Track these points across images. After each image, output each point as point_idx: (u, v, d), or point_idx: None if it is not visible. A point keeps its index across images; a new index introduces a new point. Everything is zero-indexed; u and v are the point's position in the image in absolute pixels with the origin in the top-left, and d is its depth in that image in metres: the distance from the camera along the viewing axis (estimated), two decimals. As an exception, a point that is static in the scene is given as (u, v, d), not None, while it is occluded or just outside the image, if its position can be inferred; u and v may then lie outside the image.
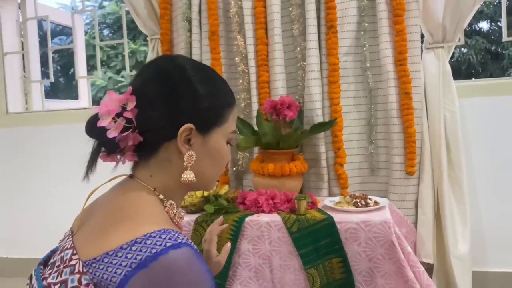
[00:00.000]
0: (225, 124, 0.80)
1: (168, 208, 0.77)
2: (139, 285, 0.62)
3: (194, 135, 0.76)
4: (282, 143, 1.74)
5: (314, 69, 1.85)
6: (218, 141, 0.80)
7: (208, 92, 0.77)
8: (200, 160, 0.77)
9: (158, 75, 0.77)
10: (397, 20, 1.79)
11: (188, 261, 0.64)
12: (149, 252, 0.64)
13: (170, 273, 0.63)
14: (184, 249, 0.65)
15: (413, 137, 1.78)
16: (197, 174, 0.77)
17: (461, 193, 1.81)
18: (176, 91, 0.75)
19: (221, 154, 0.82)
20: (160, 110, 0.74)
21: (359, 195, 1.65)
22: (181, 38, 2.05)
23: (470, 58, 10.43)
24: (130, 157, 0.78)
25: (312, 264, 1.50)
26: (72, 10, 10.75)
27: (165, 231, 0.67)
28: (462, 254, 1.77)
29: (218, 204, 1.65)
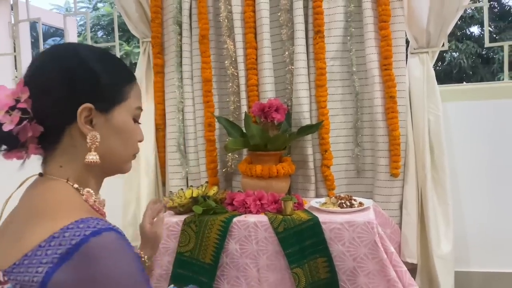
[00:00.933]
0: (127, 101, 0.79)
1: (86, 196, 0.76)
2: (64, 278, 0.61)
3: (95, 115, 0.75)
4: (269, 145, 1.77)
5: (301, 73, 1.89)
6: (122, 119, 0.79)
7: (103, 69, 0.77)
8: (106, 139, 0.76)
9: (49, 61, 0.76)
10: (382, 26, 1.84)
11: (111, 246, 0.63)
12: (69, 244, 0.62)
13: (94, 260, 0.61)
14: (104, 235, 0.64)
15: (397, 140, 1.82)
16: (106, 155, 0.76)
17: (444, 194, 1.85)
18: (70, 72, 0.74)
19: (128, 131, 0.80)
20: (55, 94, 0.73)
21: (344, 196, 1.69)
22: (172, 41, 2.08)
23: (461, 62, 10.56)
24: (34, 150, 0.76)
25: (297, 263, 1.53)
26: (66, 11, 10.73)
27: (83, 220, 0.65)
28: (444, 254, 1.81)
29: (206, 205, 1.67)
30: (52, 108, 0.73)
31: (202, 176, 2.05)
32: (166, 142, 2.14)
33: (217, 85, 2.07)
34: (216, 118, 1.99)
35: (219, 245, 1.58)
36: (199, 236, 1.60)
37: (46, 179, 0.75)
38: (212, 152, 2.03)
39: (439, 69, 10.78)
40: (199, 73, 2.03)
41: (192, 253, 1.60)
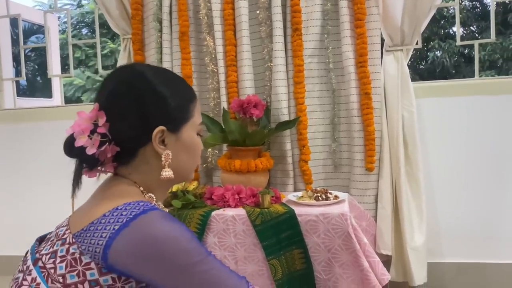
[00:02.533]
0: (192, 119, 0.87)
1: (148, 199, 0.83)
2: (123, 242, 0.70)
3: (167, 135, 0.82)
4: (248, 141, 1.81)
5: (280, 69, 1.93)
6: (189, 136, 0.86)
7: (170, 92, 0.83)
8: (176, 156, 0.84)
9: (121, 86, 0.82)
10: (358, 24, 1.88)
11: (165, 218, 0.73)
12: (129, 214, 0.72)
13: (151, 227, 0.71)
14: (160, 211, 0.75)
15: (372, 135, 1.87)
16: (176, 169, 0.84)
17: (417, 188, 1.91)
18: (141, 98, 0.81)
19: (194, 146, 0.89)
20: (130, 119, 0.80)
21: (320, 190, 1.73)
22: (152, 38, 2.10)
23: (444, 61, 10.73)
24: (110, 168, 0.84)
25: (274, 255, 1.56)
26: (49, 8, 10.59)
27: (143, 201, 0.76)
28: (418, 246, 1.87)
29: (185, 199, 1.70)
30: (128, 132, 0.80)
31: (183, 171, 2.07)
32: (147, 138, 2.15)
33: (197, 82, 2.09)
34: (196, 114, 2.01)
35: (197, 238, 1.61)
36: (178, 229, 1.63)
37: (118, 178, 0.84)
38: (193, 148, 2.05)
39: (423, 68, 10.95)
40: (180, 70, 2.05)
41: (171, 246, 1.63)
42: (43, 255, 0.75)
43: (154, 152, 0.82)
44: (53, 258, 0.74)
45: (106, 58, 10.79)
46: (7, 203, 2.56)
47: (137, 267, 0.71)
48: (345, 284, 1.53)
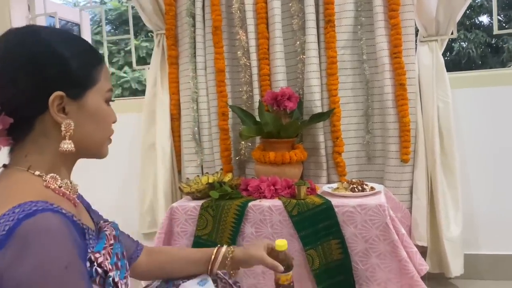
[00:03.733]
0: (97, 84, 0.77)
1: (48, 182, 0.73)
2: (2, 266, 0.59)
3: (67, 102, 0.73)
4: (282, 133, 1.83)
5: (313, 62, 1.94)
6: (95, 103, 0.77)
7: (69, 54, 0.73)
8: (80, 126, 0.75)
9: (12, 48, 0.72)
10: (392, 15, 1.87)
11: (43, 226, 0.61)
12: (2, 231, 0.60)
13: (24, 243, 0.60)
14: (38, 216, 0.62)
15: (407, 126, 1.87)
16: (80, 141, 0.75)
17: (453, 178, 1.89)
18: (36, 60, 0.70)
19: (102, 115, 0.79)
20: (23, 84, 0.70)
21: (356, 181, 1.73)
22: (186, 33, 2.13)
23: (470, 52, 10.46)
24: (4, 142, 0.74)
25: (311, 245, 1.58)
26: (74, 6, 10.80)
27: (20, 205, 0.63)
28: (454, 237, 1.86)
29: (222, 190, 1.73)
30: (21, 99, 0.70)
31: (216, 164, 2.11)
32: (181, 131, 2.20)
33: (230, 75, 2.12)
34: (230, 107, 2.05)
35: (235, 229, 1.64)
36: (216, 220, 1.67)
37: (9, 170, 0.74)
38: (226, 141, 2.09)
39: (448, 59, 10.70)
40: (213, 64, 2.08)
41: (209, 236, 1.67)
42: None
43: (53, 122, 0.72)
44: None
45: (129, 54, 10.97)
46: None
47: None
48: (382, 274, 1.54)
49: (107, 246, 0.77)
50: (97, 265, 0.70)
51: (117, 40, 9.41)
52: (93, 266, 0.70)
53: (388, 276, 1.53)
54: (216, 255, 1.05)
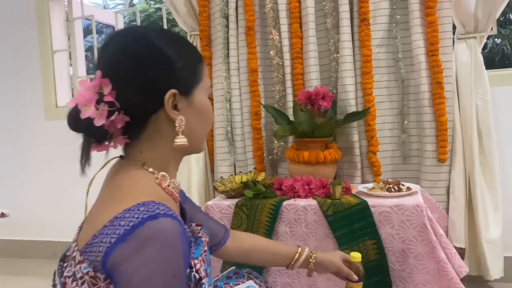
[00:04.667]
0: (202, 81, 0.80)
1: (160, 180, 0.77)
2: (118, 258, 0.63)
3: (179, 99, 0.75)
4: (317, 132, 1.82)
5: (347, 60, 1.93)
6: (201, 99, 0.80)
7: (177, 53, 0.76)
8: (190, 122, 0.77)
9: (122, 50, 0.74)
10: (429, 12, 1.84)
11: (162, 232, 0.64)
12: (126, 225, 0.64)
13: (144, 243, 0.63)
14: (161, 220, 0.64)
15: (445, 125, 1.83)
16: (189, 136, 0.77)
17: (492, 179, 1.84)
18: (147, 61, 0.73)
19: (207, 110, 0.82)
20: (137, 84, 0.73)
21: (392, 181, 1.71)
22: (219, 34, 2.16)
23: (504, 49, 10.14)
24: (121, 140, 0.77)
25: (347, 245, 1.57)
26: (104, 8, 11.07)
27: (144, 203, 0.67)
28: (493, 239, 1.81)
29: (256, 189, 1.74)
30: (136, 99, 0.73)
31: (249, 163, 2.13)
32: (214, 131, 2.23)
33: (263, 75, 2.13)
34: (263, 106, 2.06)
35: (270, 227, 1.65)
36: (250, 218, 1.68)
37: (125, 162, 0.78)
38: (259, 140, 2.10)
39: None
40: (246, 64, 2.10)
41: (244, 235, 1.68)
42: (66, 278, 0.70)
43: (167, 119, 0.75)
44: (75, 280, 0.68)
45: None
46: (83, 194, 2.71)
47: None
48: (420, 276, 1.51)
49: (202, 253, 0.80)
50: (195, 271, 0.73)
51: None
52: (192, 272, 0.73)
53: (425, 278, 1.51)
54: (300, 254, 1.13)
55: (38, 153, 2.79)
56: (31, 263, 2.77)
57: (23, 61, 2.77)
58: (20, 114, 2.81)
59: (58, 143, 2.74)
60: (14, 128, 2.83)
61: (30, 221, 2.84)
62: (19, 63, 2.78)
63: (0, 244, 2.83)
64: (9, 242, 2.88)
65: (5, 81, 2.81)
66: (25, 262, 2.78)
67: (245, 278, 1.18)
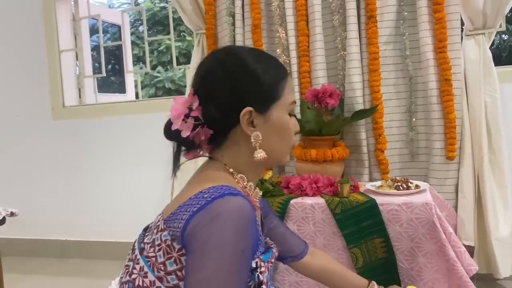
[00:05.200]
0: (281, 98, 0.83)
1: (238, 180, 0.84)
2: (195, 224, 0.70)
3: (255, 116, 0.81)
4: (324, 130, 1.82)
5: (354, 58, 1.92)
6: (278, 116, 0.83)
7: (262, 72, 0.81)
8: (267, 137, 0.82)
9: (214, 68, 0.82)
10: (437, 9, 1.82)
11: (239, 206, 0.71)
12: (208, 197, 0.71)
13: (220, 211, 0.69)
14: (239, 198, 0.72)
15: (453, 122, 1.82)
16: (268, 150, 0.82)
17: (502, 177, 1.83)
18: (233, 78, 0.80)
19: (285, 127, 0.85)
20: (220, 100, 0.80)
21: (400, 179, 1.70)
22: (225, 32, 2.16)
23: (511, 45, 10.04)
24: (206, 150, 0.87)
25: (355, 244, 1.56)
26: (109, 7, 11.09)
27: (227, 186, 0.75)
28: (503, 237, 1.80)
29: (264, 188, 1.73)
30: (220, 114, 0.80)
31: (256, 161, 2.12)
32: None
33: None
34: (270, 105, 2.05)
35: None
36: (258, 217, 1.68)
37: (210, 161, 0.86)
38: (266, 138, 2.09)
39: (487, 52, 10.27)
40: (252, 62, 2.09)
41: (252, 233, 1.68)
42: (146, 244, 0.77)
43: (244, 134, 0.81)
44: (153, 247, 0.75)
45: (162, 54, 11.16)
46: (101, 193, 2.73)
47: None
48: (429, 274, 1.50)
49: (270, 261, 0.83)
50: (259, 272, 0.77)
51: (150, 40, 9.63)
52: (257, 272, 0.77)
53: (435, 276, 1.50)
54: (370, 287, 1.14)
55: (46, 153, 2.81)
56: (40, 261, 2.78)
57: (30, 61, 2.78)
58: (27, 114, 2.82)
59: (66, 143, 2.77)
60: (22, 128, 2.84)
61: (39, 220, 2.86)
62: (26, 63, 2.79)
63: (10, 243, 2.85)
64: (19, 241, 2.90)
65: (12, 81, 2.83)
66: (35, 261, 2.80)
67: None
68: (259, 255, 0.80)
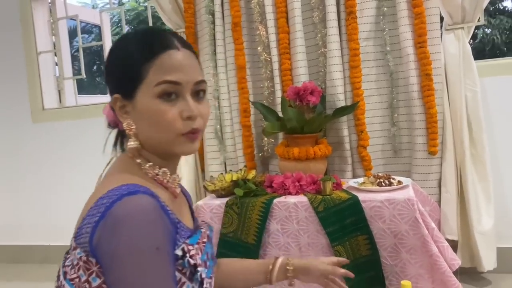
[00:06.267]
0: (145, 80, 0.74)
1: (147, 169, 0.78)
2: (99, 237, 0.65)
3: (124, 103, 0.76)
4: (306, 128, 1.80)
5: (335, 54, 1.91)
6: (143, 101, 0.74)
7: (120, 56, 0.77)
8: (139, 125, 0.76)
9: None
10: (416, 3, 1.82)
11: (139, 205, 0.66)
12: (107, 203, 0.66)
13: (120, 216, 0.65)
14: (139, 195, 0.67)
15: (434, 117, 1.82)
16: (147, 139, 0.77)
17: (484, 170, 1.84)
18: (105, 67, 0.80)
19: (153, 113, 0.74)
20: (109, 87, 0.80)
21: (382, 175, 1.70)
22: (205, 31, 2.13)
23: (494, 39, 10.16)
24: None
25: (339, 241, 1.56)
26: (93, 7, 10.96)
27: (127, 184, 0.69)
28: (486, 230, 1.81)
29: (246, 187, 1.72)
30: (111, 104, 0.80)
31: (239, 161, 2.10)
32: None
33: (251, 71, 2.11)
34: (252, 103, 2.03)
35: (261, 226, 1.63)
36: (241, 217, 1.66)
37: (121, 155, 0.83)
38: (249, 137, 2.08)
39: (471, 46, 10.41)
40: (233, 61, 2.07)
41: (235, 234, 1.66)
42: (67, 267, 0.72)
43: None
44: (73, 268, 0.70)
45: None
46: (84, 197, 2.68)
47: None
48: (413, 270, 1.50)
49: (200, 242, 0.79)
50: (189, 256, 0.73)
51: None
52: (186, 257, 0.72)
53: (419, 272, 1.50)
54: (273, 265, 1.05)
55: (26, 156, 2.75)
56: (23, 267, 2.73)
57: (7, 63, 2.72)
58: (6, 118, 2.77)
59: (47, 146, 2.71)
60: (1, 132, 2.78)
61: (20, 226, 2.80)
62: (3, 65, 2.73)
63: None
64: (1, 248, 2.84)
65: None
66: (18, 267, 2.75)
67: None
68: (185, 240, 0.75)
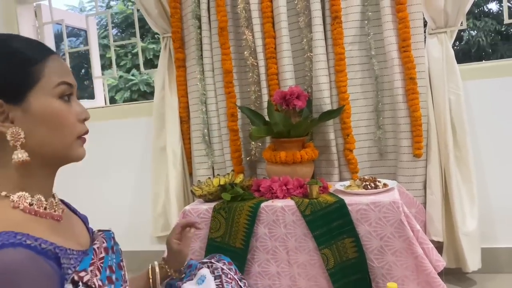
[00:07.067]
0: (40, 82, 0.69)
1: (16, 202, 0.68)
2: None
3: (9, 108, 0.67)
4: (293, 132, 1.82)
5: (321, 59, 1.92)
6: (41, 104, 0.69)
7: (3, 56, 0.68)
8: (32, 132, 0.68)
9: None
10: (399, 8, 1.85)
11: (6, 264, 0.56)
12: None
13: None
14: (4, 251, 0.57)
15: (419, 120, 1.84)
16: (38, 148, 0.69)
17: (468, 172, 1.86)
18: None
19: (54, 115, 0.69)
20: None
21: (368, 178, 1.72)
22: (192, 35, 2.13)
23: (479, 41, 10.30)
24: None
25: (326, 244, 1.57)
26: (80, 11, 10.88)
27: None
28: (470, 231, 1.83)
29: (234, 192, 1.73)
30: None
31: (227, 165, 2.11)
32: (191, 133, 2.20)
33: (238, 76, 2.11)
34: (239, 108, 2.04)
35: (248, 230, 1.64)
36: (229, 222, 1.66)
37: None
38: (236, 142, 2.08)
39: (457, 48, 10.55)
40: (220, 65, 2.08)
41: (223, 239, 1.67)
42: None
43: (3, 134, 0.67)
44: None
45: (136, 56, 11.03)
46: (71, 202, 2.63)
47: None
48: (399, 272, 1.52)
49: (95, 261, 0.72)
50: (82, 284, 0.66)
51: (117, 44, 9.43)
52: (78, 287, 0.65)
53: (404, 273, 1.52)
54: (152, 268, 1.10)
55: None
56: None
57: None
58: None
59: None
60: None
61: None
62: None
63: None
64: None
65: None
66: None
67: (197, 268, 1.16)
68: (75, 268, 0.68)
